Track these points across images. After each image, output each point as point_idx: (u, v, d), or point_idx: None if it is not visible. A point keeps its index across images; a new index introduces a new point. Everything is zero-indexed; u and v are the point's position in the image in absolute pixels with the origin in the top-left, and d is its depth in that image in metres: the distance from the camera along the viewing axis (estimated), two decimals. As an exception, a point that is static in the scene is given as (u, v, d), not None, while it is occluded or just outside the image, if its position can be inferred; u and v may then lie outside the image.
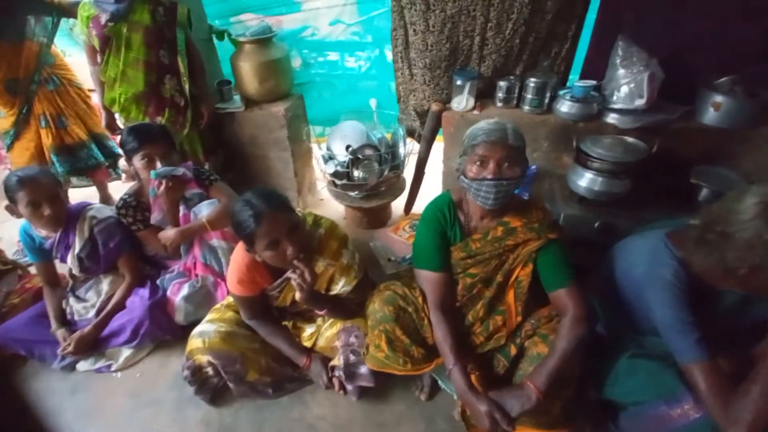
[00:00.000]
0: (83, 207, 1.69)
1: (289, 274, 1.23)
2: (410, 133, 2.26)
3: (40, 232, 1.67)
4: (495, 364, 1.25)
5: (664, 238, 1.13)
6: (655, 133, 1.69)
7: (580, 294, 1.15)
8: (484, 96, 2.00)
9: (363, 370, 1.39)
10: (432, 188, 2.55)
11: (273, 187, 2.41)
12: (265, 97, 2.23)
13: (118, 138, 1.92)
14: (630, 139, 1.71)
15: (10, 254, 2.63)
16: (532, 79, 1.83)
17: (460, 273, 1.27)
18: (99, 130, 2.45)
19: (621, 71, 1.78)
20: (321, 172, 2.23)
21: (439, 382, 1.39)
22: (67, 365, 1.69)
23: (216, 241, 1.76)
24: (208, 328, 1.44)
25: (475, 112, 1.96)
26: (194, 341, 1.43)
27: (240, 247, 1.35)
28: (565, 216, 1.74)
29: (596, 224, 1.69)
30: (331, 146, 2.15)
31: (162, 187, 1.61)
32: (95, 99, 3.00)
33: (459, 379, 1.13)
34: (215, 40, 2.41)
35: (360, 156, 2.01)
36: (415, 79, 2.02)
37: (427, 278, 1.27)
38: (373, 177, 2.08)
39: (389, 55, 3.69)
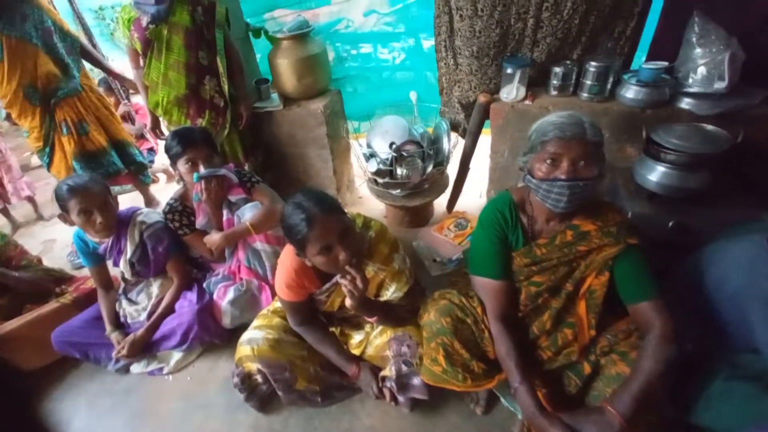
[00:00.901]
0: (133, 212, 1.71)
1: (339, 279, 1.16)
2: (454, 126, 2.14)
3: (93, 238, 1.70)
4: (565, 382, 1.14)
5: (765, 245, 0.97)
6: (737, 121, 1.49)
7: (667, 308, 1.02)
8: (535, 84, 1.85)
9: (416, 381, 1.32)
10: (476, 184, 2.43)
11: (315, 187, 2.42)
12: (304, 94, 2.18)
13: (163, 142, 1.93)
14: (709, 127, 1.52)
15: (64, 255, 2.77)
16: (593, 63, 1.66)
17: (523, 281, 1.17)
18: (120, 137, 2.46)
19: (698, 50, 1.59)
20: (361, 169, 2.16)
21: (502, 399, 1.30)
22: (121, 367, 1.73)
23: (260, 244, 1.73)
24: (256, 335, 1.42)
25: (527, 102, 1.82)
26: (243, 348, 1.41)
27: (288, 251, 1.30)
28: (632, 214, 1.57)
29: (670, 224, 1.52)
30: (372, 143, 2.07)
31: (205, 189, 1.59)
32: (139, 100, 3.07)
33: (527, 399, 1.03)
34: (252, 38, 2.37)
35: (404, 153, 1.92)
36: (461, 69, 1.90)
37: (486, 286, 1.18)
38: (417, 174, 1.99)
39: (425, 45, 3.58)
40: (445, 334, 1.15)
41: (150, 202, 2.90)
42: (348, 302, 1.18)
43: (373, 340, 1.44)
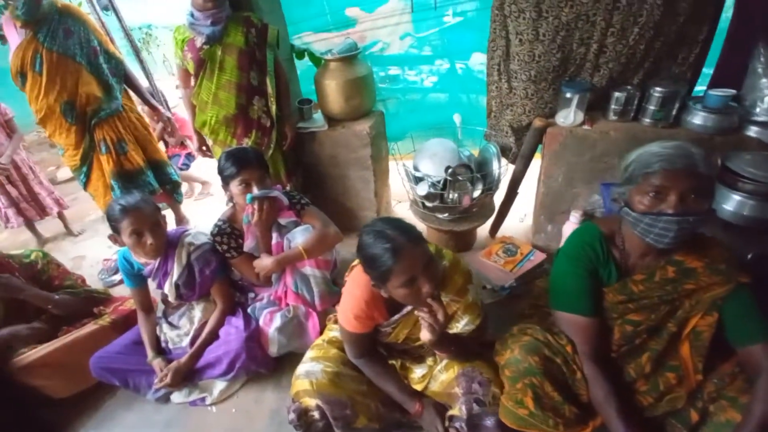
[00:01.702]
0: (181, 233, 1.66)
1: (419, 313, 1.09)
2: (502, 150, 2.09)
3: (139, 259, 1.64)
4: (668, 430, 1.04)
5: None
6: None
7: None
8: (591, 108, 1.81)
9: (489, 422, 1.22)
10: (517, 209, 2.36)
11: (353, 208, 2.38)
12: (349, 115, 2.15)
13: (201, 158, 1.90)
14: (789, 156, 1.46)
15: (94, 273, 2.71)
16: (658, 89, 1.62)
17: (617, 319, 1.09)
18: (157, 157, 2.45)
19: (764, 80, 1.56)
20: (407, 191, 2.10)
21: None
22: (161, 396, 1.64)
23: (309, 269, 1.67)
24: (314, 368, 1.33)
25: (585, 127, 1.77)
26: (301, 382, 1.32)
27: (359, 281, 1.24)
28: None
29: (749, 256, 1.44)
30: (419, 165, 2.03)
31: (257, 211, 1.54)
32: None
33: (630, 450, 0.94)
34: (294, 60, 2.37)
35: (459, 177, 1.87)
36: (515, 93, 1.86)
37: (575, 324, 1.10)
38: (468, 198, 1.93)
39: (459, 68, 3.59)
40: (534, 375, 1.06)
41: (180, 220, 2.86)
42: (425, 335, 1.11)
43: (437, 375, 1.35)
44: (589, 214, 1.95)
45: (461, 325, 1.24)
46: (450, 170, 1.83)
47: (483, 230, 2.36)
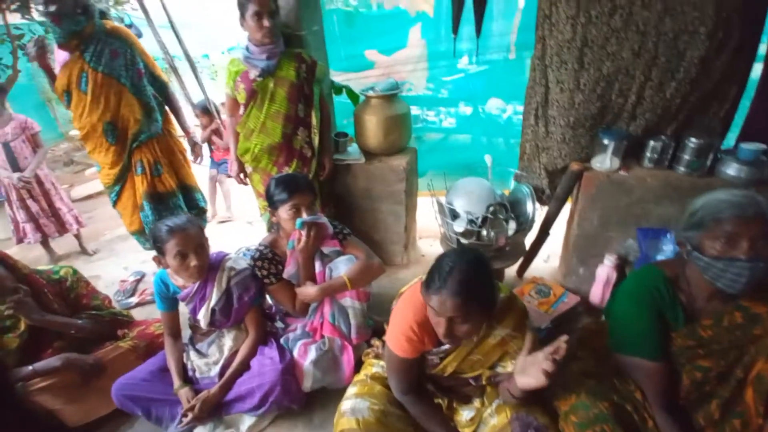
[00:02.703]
0: (222, 258, 1.64)
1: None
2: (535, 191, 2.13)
3: (177, 281, 1.61)
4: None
5: None
6: None
7: None
8: (626, 155, 1.87)
9: (546, 472, 1.17)
10: (545, 250, 2.37)
11: (381, 241, 2.39)
12: (386, 150, 2.21)
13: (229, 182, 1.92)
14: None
15: (111, 294, 2.64)
16: (693, 140, 1.69)
17: (685, 364, 1.07)
18: (188, 182, 2.47)
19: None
20: (440, 227, 2.12)
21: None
22: (184, 430, 1.55)
23: (349, 300, 1.64)
24: (360, 405, 1.28)
25: (621, 172, 1.82)
26: (346, 420, 1.26)
27: (411, 301, 1.23)
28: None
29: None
30: (454, 202, 2.05)
31: (304, 237, 1.54)
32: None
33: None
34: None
35: (500, 216, 1.89)
36: (552, 137, 1.93)
37: (644, 369, 1.08)
38: (503, 237, 1.94)
39: (481, 111, 3.74)
40: (605, 422, 1.02)
41: None
42: (525, 381, 1.05)
43: (487, 418, 1.29)
44: (623, 258, 1.96)
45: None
46: (491, 208, 1.86)
47: (509, 270, 2.35)
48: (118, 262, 3.03)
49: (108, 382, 1.60)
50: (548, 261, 2.56)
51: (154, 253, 1.55)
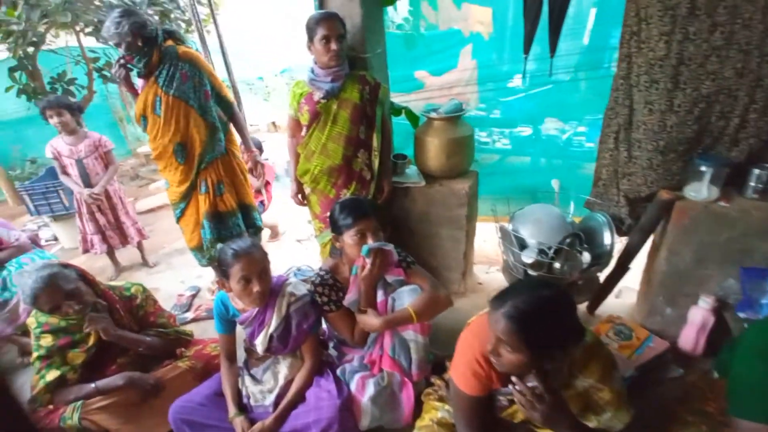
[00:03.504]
0: (282, 282, 1.60)
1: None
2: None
3: (237, 304, 1.59)
4: None
5: None
6: None
7: None
8: (726, 183, 1.65)
9: None
10: (620, 284, 2.15)
11: (438, 267, 2.29)
12: (447, 173, 2.12)
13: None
14: None
15: (168, 308, 2.71)
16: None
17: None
18: (248, 201, 2.46)
19: None
20: (504, 256, 1.98)
21: None
22: (239, 460, 1.50)
23: (411, 333, 1.54)
24: (429, 457, 1.16)
25: (721, 203, 1.61)
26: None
27: (476, 334, 1.15)
28: None
29: None
30: (520, 230, 1.91)
31: (370, 264, 1.46)
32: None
33: None
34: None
35: (577, 249, 1.73)
36: (635, 162, 1.76)
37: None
38: (577, 271, 1.77)
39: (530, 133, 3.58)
40: None
41: None
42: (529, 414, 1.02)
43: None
44: (721, 301, 1.72)
45: (604, 419, 1.08)
46: (568, 240, 1.70)
47: (579, 306, 2.15)
48: (175, 276, 3.12)
49: (164, 401, 1.59)
50: (620, 296, 2.33)
51: (209, 269, 1.54)
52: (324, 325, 1.80)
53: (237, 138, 2.47)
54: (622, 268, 1.92)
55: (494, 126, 3.66)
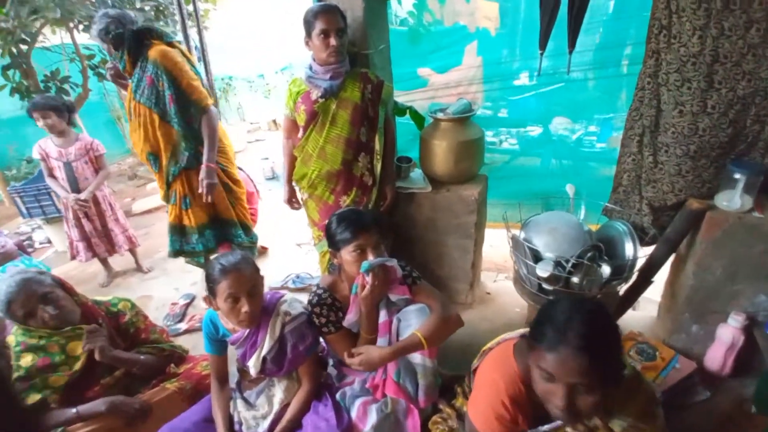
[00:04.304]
0: (277, 300, 1.47)
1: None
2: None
3: (228, 324, 1.46)
4: None
5: None
6: None
7: None
8: (761, 192, 1.51)
9: None
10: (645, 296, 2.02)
11: (444, 277, 2.16)
12: (455, 178, 1.98)
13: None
14: None
15: (159, 316, 2.59)
16: None
17: None
18: (226, 216, 2.27)
19: None
20: (518, 266, 1.84)
21: None
22: (230, 494, 1.38)
23: (419, 357, 1.41)
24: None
25: (756, 214, 1.47)
26: None
27: (500, 370, 1.02)
28: None
29: None
30: (533, 240, 1.77)
31: (370, 283, 1.33)
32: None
33: None
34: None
35: (598, 263, 1.59)
36: (661, 168, 1.62)
37: None
38: (597, 285, 1.63)
39: (539, 132, 3.43)
40: None
41: None
42: None
43: None
44: (751, 318, 1.59)
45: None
46: (589, 254, 1.56)
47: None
48: (170, 282, 3.00)
49: (152, 426, 1.49)
50: (637, 308, 2.19)
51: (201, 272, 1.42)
52: (323, 341, 1.67)
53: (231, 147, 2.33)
54: (644, 281, 1.78)
55: (502, 126, 3.51)
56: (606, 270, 1.69)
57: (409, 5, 3.28)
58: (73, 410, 1.45)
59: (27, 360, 1.47)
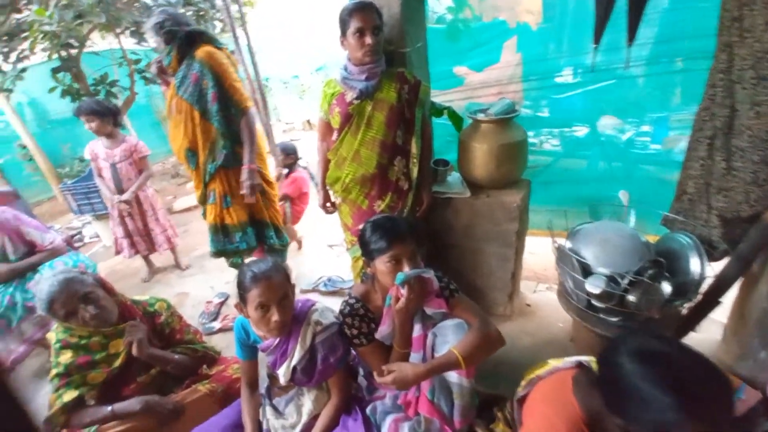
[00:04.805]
0: (308, 308, 1.43)
1: None
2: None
3: (258, 331, 1.44)
4: None
5: None
6: None
7: None
8: None
9: None
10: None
11: (481, 287, 2.05)
12: (496, 183, 1.87)
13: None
14: None
15: (195, 314, 2.64)
16: None
17: None
18: (259, 217, 2.29)
19: None
20: (563, 278, 1.71)
21: None
22: (256, 505, 1.35)
23: (455, 376, 1.32)
24: None
25: None
26: None
27: (557, 409, 0.92)
28: None
29: None
30: (582, 251, 1.63)
31: (406, 295, 1.25)
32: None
33: None
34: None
35: (660, 282, 1.44)
36: (735, 175, 1.43)
37: None
38: (657, 305, 1.47)
39: (584, 133, 3.21)
40: None
41: None
42: None
43: None
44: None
45: None
46: (651, 272, 1.41)
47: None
48: (206, 280, 3.06)
49: (183, 426, 1.50)
50: (698, 330, 1.98)
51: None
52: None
53: (266, 148, 2.33)
54: (711, 301, 1.59)
55: (543, 126, 3.31)
56: (667, 288, 1.52)
57: (448, 0, 3.17)
58: (108, 408, 1.48)
59: (66, 357, 1.51)
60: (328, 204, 1.97)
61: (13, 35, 3.23)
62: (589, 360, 0.99)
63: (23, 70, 3.54)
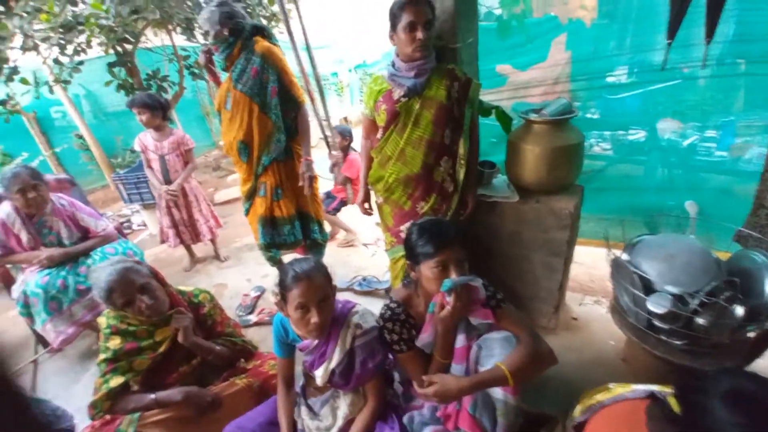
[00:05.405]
0: (349, 310, 1.40)
1: None
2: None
3: (297, 331, 1.42)
4: None
5: None
6: None
7: None
8: None
9: None
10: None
11: (526, 297, 1.94)
12: (546, 187, 1.76)
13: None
14: None
15: (233, 306, 2.69)
16: None
17: None
18: (306, 209, 2.31)
19: None
20: (618, 293, 1.58)
21: None
22: (289, 506, 1.34)
23: (500, 392, 1.24)
24: None
25: None
26: None
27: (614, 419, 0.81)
28: None
29: None
30: (643, 266, 1.50)
31: (452, 303, 1.19)
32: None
33: None
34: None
35: (735, 306, 1.30)
36: (832, 190, 1.26)
37: None
38: (728, 329, 1.33)
39: (642, 137, 2.99)
40: None
41: None
42: None
43: None
44: None
45: None
46: (725, 295, 1.27)
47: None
48: (244, 272, 3.12)
49: (220, 418, 1.50)
50: (764, 357, 1.79)
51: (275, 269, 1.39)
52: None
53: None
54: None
55: (594, 128, 3.11)
56: (740, 311, 1.37)
57: (499, -5, 3.04)
58: (152, 396, 1.51)
59: (115, 342, 1.55)
60: (367, 205, 1.93)
61: (70, 28, 3.38)
62: (662, 390, 0.89)
63: (80, 63, 3.72)
